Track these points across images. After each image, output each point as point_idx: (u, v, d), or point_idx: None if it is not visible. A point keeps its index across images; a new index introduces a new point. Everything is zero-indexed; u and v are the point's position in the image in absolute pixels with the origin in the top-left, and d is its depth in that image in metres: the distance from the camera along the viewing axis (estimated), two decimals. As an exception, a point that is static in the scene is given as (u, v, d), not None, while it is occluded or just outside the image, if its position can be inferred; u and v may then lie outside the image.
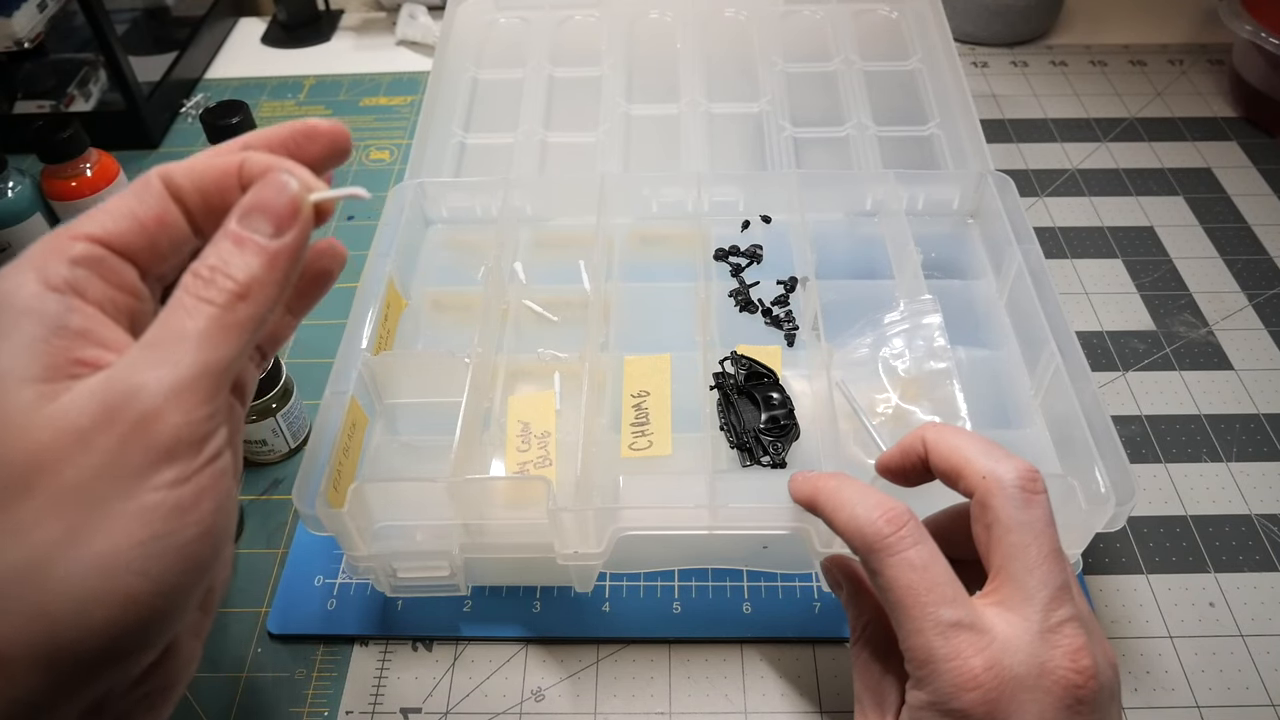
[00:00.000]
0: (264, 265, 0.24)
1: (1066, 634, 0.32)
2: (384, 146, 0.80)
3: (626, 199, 0.61)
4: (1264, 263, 0.66)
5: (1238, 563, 0.50)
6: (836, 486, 0.37)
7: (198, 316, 0.23)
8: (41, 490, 0.22)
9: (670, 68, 0.71)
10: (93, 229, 0.24)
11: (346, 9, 0.96)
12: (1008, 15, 0.86)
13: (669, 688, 0.46)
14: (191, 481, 0.23)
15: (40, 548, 0.21)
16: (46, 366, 0.22)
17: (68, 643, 0.22)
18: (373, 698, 0.46)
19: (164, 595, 0.22)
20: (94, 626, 0.22)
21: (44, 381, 0.22)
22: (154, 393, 0.22)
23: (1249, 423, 0.57)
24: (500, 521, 0.45)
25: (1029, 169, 0.74)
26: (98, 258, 0.24)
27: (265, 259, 0.24)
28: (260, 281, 0.24)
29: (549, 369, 0.53)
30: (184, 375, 0.23)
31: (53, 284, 0.23)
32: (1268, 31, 0.72)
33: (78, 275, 0.24)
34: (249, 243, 0.25)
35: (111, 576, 0.22)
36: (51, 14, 0.75)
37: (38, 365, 0.22)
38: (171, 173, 0.26)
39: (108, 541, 0.22)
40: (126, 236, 0.25)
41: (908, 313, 0.53)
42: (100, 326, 0.24)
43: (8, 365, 0.22)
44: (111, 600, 0.22)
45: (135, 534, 0.22)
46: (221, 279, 0.24)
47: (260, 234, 0.25)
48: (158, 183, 0.26)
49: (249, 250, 0.24)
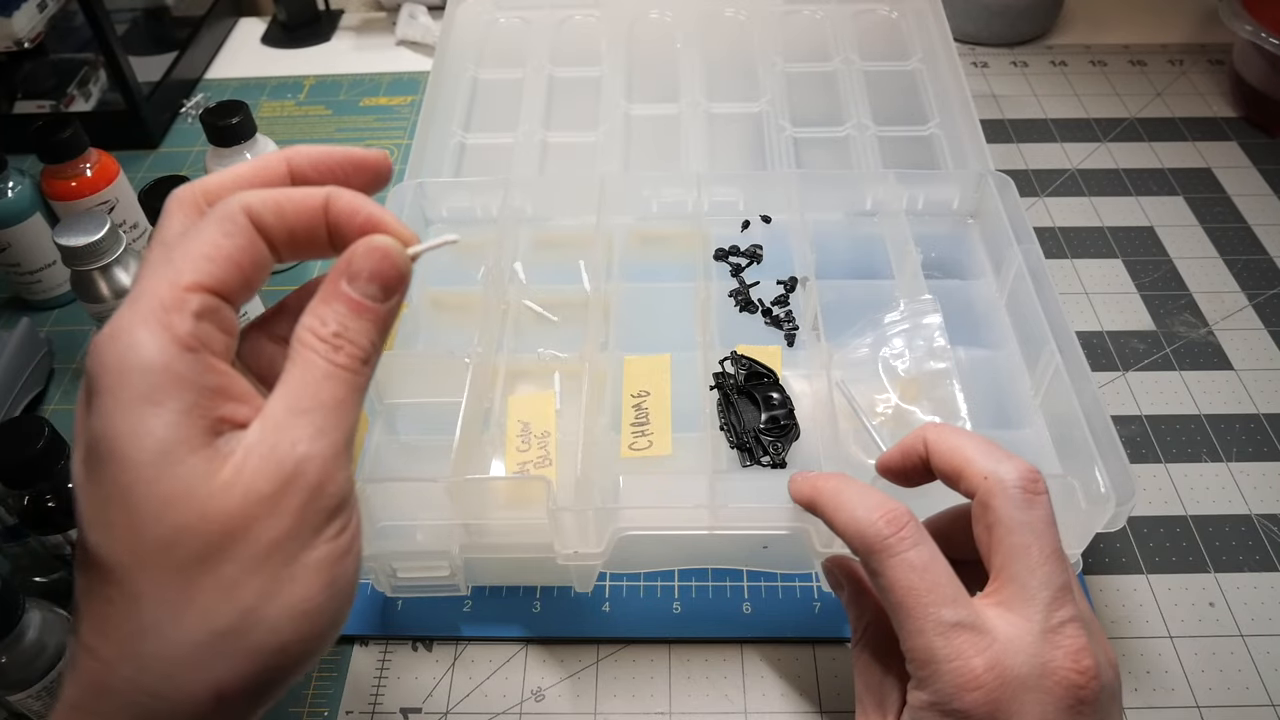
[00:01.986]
0: (378, 328, 0.27)
1: (1068, 634, 0.32)
2: (384, 146, 0.79)
3: (626, 199, 0.61)
4: (1264, 263, 0.66)
5: (1238, 563, 0.50)
6: (836, 487, 0.37)
7: (338, 385, 0.26)
8: (239, 552, 0.24)
9: (670, 68, 0.71)
10: (202, 278, 0.25)
11: (346, 9, 0.96)
12: (1008, 15, 0.86)
13: (669, 688, 0.46)
14: (349, 527, 0.26)
15: (248, 603, 0.24)
16: (203, 431, 0.24)
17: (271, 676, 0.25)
18: (373, 698, 0.46)
19: (340, 624, 0.27)
20: (291, 663, 0.25)
21: (204, 449, 0.24)
22: (322, 463, 0.25)
23: (1249, 423, 0.57)
24: (500, 521, 0.45)
25: (1029, 169, 0.74)
26: (214, 309, 0.25)
27: (378, 323, 0.27)
28: (377, 346, 0.27)
29: (549, 369, 0.53)
30: (339, 442, 0.26)
31: (185, 343, 0.24)
32: (1268, 31, 0.72)
33: (202, 330, 0.25)
34: (366, 310, 0.26)
35: (307, 620, 0.25)
36: (51, 14, 0.75)
37: (197, 432, 0.24)
38: (259, 211, 0.26)
39: (302, 591, 0.25)
40: (229, 282, 0.26)
41: (908, 313, 0.53)
42: (230, 381, 0.25)
43: (172, 435, 0.24)
44: (308, 637, 0.25)
45: (319, 582, 0.25)
46: (350, 346, 0.26)
47: (372, 299, 0.26)
48: (243, 218, 0.26)
49: (367, 317, 0.26)
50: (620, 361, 0.53)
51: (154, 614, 0.24)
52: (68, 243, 0.52)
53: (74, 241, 0.52)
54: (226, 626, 0.24)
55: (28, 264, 0.64)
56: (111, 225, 0.53)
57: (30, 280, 0.65)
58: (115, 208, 0.65)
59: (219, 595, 0.24)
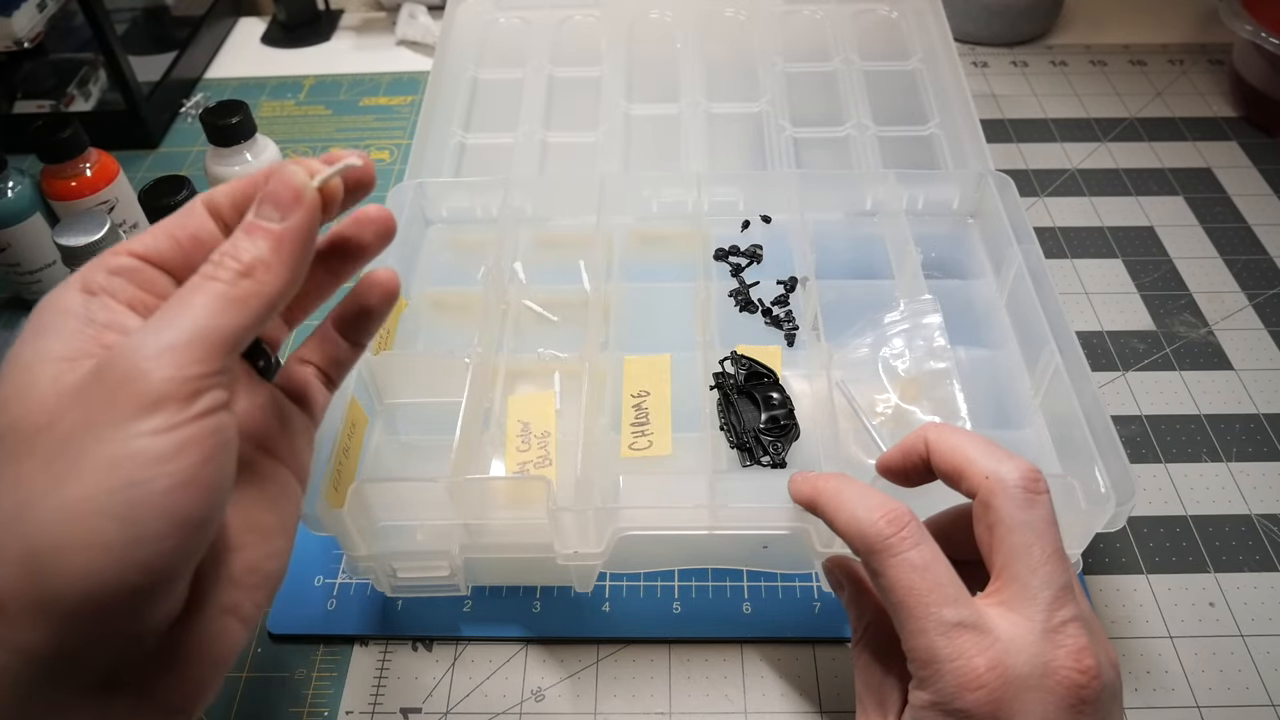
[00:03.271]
0: (270, 247, 0.26)
1: (1070, 634, 0.32)
2: (384, 146, 0.80)
3: (626, 199, 0.61)
4: (1264, 263, 0.66)
5: (1238, 563, 0.50)
6: (837, 487, 0.37)
7: (202, 291, 0.25)
8: (40, 446, 0.23)
9: (670, 68, 0.71)
10: (134, 246, 0.28)
11: (346, 9, 0.96)
12: (1008, 15, 0.86)
13: (669, 688, 0.46)
14: (175, 432, 0.23)
15: (26, 495, 0.23)
16: (71, 348, 0.25)
17: (52, 588, 0.22)
18: (373, 698, 0.46)
19: (143, 543, 0.23)
20: (73, 570, 0.22)
21: (65, 360, 0.25)
22: (145, 352, 0.24)
23: (1249, 423, 0.57)
24: (500, 521, 0.45)
25: (1029, 169, 0.74)
26: (133, 268, 0.27)
27: (271, 240, 0.26)
28: (265, 261, 0.26)
29: (549, 369, 0.53)
30: (177, 337, 0.24)
31: (90, 289, 0.27)
32: (1268, 31, 0.72)
33: (113, 282, 0.27)
34: (257, 229, 0.27)
35: (83, 519, 0.22)
36: (51, 14, 0.75)
37: (62, 346, 0.25)
38: (212, 193, 0.29)
39: (81, 486, 0.22)
40: (163, 251, 0.28)
41: (908, 313, 0.53)
42: (124, 318, 0.26)
43: (41, 350, 0.25)
44: (86, 543, 0.22)
45: (109, 479, 0.23)
46: (229, 260, 0.26)
47: (269, 220, 0.27)
48: (198, 203, 0.29)
49: (257, 235, 0.27)
50: (620, 361, 0.53)
51: None
52: (68, 243, 0.52)
53: (74, 241, 0.52)
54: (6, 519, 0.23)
55: (28, 264, 0.64)
56: (111, 225, 0.53)
57: (30, 280, 0.65)
58: (115, 208, 0.65)
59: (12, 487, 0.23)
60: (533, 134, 0.67)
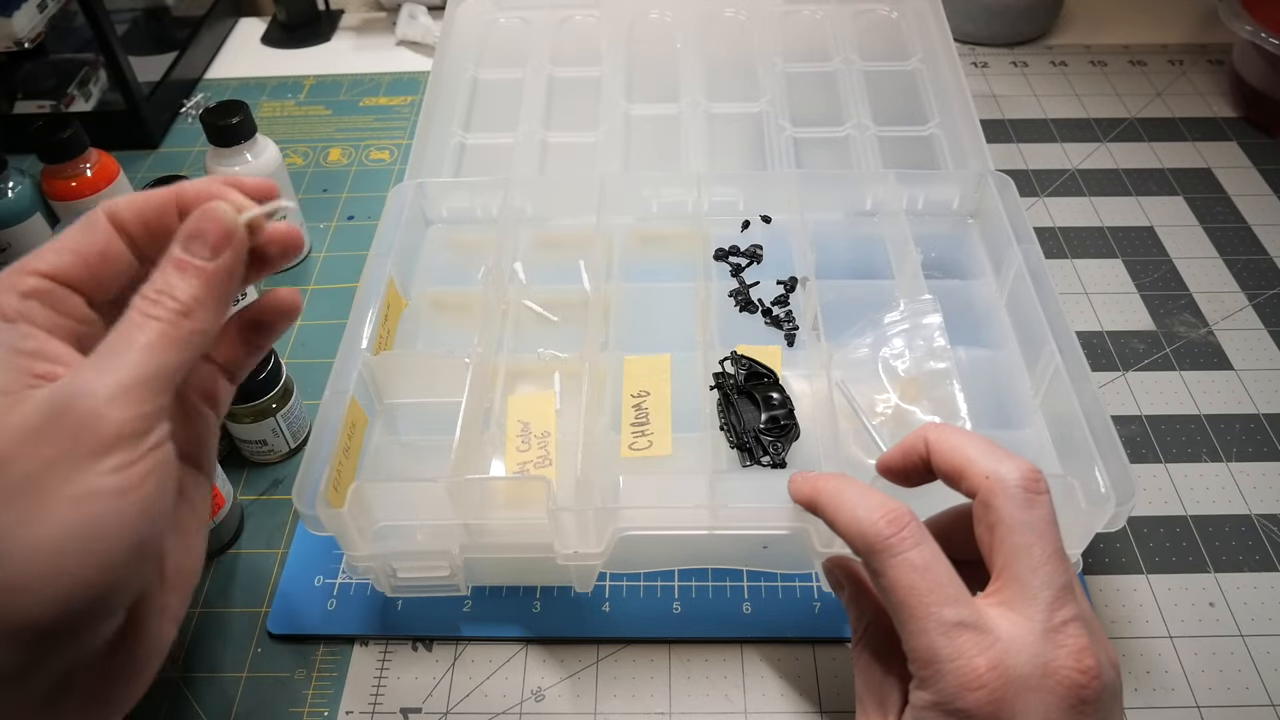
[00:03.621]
0: (203, 285, 0.28)
1: (1070, 634, 0.32)
2: (384, 146, 0.80)
3: (626, 199, 0.61)
4: (1264, 263, 0.66)
5: (1238, 563, 0.50)
6: (837, 487, 0.37)
7: (145, 331, 0.26)
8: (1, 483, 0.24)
9: (670, 68, 0.71)
10: (41, 265, 0.28)
11: (346, 9, 0.96)
12: (1008, 15, 0.86)
13: (669, 688, 0.46)
14: (132, 468, 0.25)
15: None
16: (7, 381, 0.25)
17: (24, 617, 0.23)
18: (373, 698, 0.46)
19: (109, 570, 0.24)
20: (46, 601, 0.24)
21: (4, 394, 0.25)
22: (100, 395, 0.25)
23: (1249, 423, 0.57)
24: (500, 521, 0.45)
25: (1029, 169, 0.74)
26: (45, 290, 0.27)
27: (204, 280, 0.28)
28: (200, 300, 0.27)
29: (549, 369, 0.53)
30: (126, 379, 0.25)
31: (6, 315, 0.26)
32: (1268, 31, 0.72)
33: (28, 306, 0.27)
34: (190, 266, 0.28)
35: (54, 555, 0.24)
36: (51, 14, 0.75)
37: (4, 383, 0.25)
38: (116, 207, 0.29)
39: (53, 525, 0.24)
40: (71, 270, 0.28)
41: (908, 313, 0.53)
42: (49, 346, 0.27)
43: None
44: (59, 576, 0.24)
45: (77, 516, 0.24)
46: (167, 300, 0.27)
47: (199, 258, 0.28)
48: (102, 218, 0.29)
49: (190, 273, 0.27)
50: (620, 361, 0.53)
51: None
52: (67, 242, 0.52)
53: (74, 241, 0.52)
54: None
55: (27, 264, 0.64)
56: (111, 225, 0.53)
57: (30, 280, 0.65)
58: (115, 208, 0.65)
59: None
60: (533, 134, 0.67)
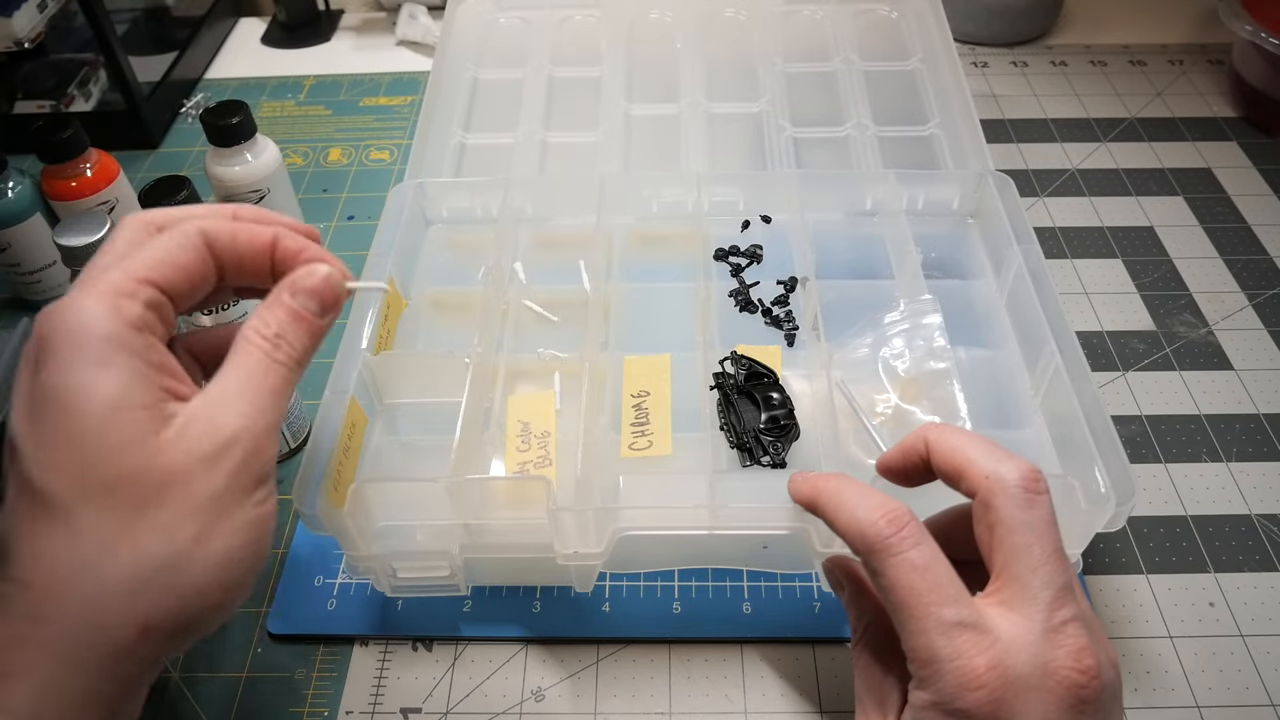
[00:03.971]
0: (311, 338, 0.32)
1: (1070, 634, 0.32)
2: (384, 146, 0.80)
3: (626, 199, 0.61)
4: (1264, 263, 0.66)
5: (1238, 563, 0.50)
6: (837, 487, 0.37)
7: (274, 376, 0.31)
8: (177, 500, 0.28)
9: (670, 68, 0.71)
10: (154, 276, 0.30)
11: (346, 9, 0.96)
12: (1008, 15, 0.86)
13: (669, 688, 0.46)
14: (270, 500, 0.30)
15: (181, 546, 0.28)
16: (145, 395, 0.28)
17: (191, 617, 0.29)
18: (373, 698, 0.46)
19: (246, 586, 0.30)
20: (210, 606, 0.29)
21: (145, 408, 0.28)
22: (255, 436, 0.30)
23: (1249, 423, 0.57)
24: (500, 521, 0.45)
25: (1029, 169, 0.74)
26: (160, 303, 0.30)
27: (312, 334, 0.32)
28: (308, 352, 0.32)
29: (549, 369, 0.53)
30: (272, 423, 0.30)
31: (134, 324, 0.29)
32: (1268, 31, 0.72)
33: (148, 318, 0.29)
34: (304, 319, 0.32)
35: (228, 569, 0.29)
36: (51, 14, 0.75)
37: (148, 394, 0.28)
38: (215, 237, 0.32)
39: (228, 541, 0.29)
40: (173, 284, 0.31)
41: (908, 313, 0.53)
42: (169, 359, 0.30)
43: (121, 393, 0.28)
44: (226, 585, 0.29)
45: (243, 537, 0.29)
46: (286, 346, 0.31)
47: (310, 311, 0.32)
48: (198, 239, 0.31)
49: (303, 325, 0.32)
50: (620, 361, 0.53)
51: (94, 548, 0.27)
52: (68, 243, 0.52)
53: (74, 241, 0.52)
54: (159, 565, 0.28)
55: (28, 264, 0.64)
56: (111, 225, 0.53)
57: (30, 280, 0.65)
58: (115, 208, 0.65)
59: (154, 537, 0.28)
60: (533, 134, 0.67)
